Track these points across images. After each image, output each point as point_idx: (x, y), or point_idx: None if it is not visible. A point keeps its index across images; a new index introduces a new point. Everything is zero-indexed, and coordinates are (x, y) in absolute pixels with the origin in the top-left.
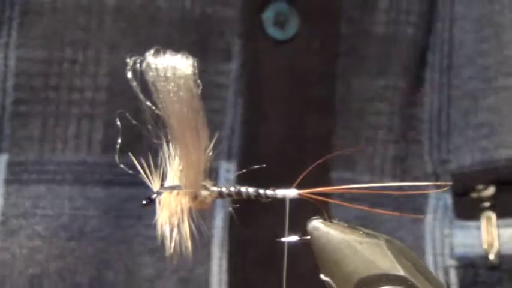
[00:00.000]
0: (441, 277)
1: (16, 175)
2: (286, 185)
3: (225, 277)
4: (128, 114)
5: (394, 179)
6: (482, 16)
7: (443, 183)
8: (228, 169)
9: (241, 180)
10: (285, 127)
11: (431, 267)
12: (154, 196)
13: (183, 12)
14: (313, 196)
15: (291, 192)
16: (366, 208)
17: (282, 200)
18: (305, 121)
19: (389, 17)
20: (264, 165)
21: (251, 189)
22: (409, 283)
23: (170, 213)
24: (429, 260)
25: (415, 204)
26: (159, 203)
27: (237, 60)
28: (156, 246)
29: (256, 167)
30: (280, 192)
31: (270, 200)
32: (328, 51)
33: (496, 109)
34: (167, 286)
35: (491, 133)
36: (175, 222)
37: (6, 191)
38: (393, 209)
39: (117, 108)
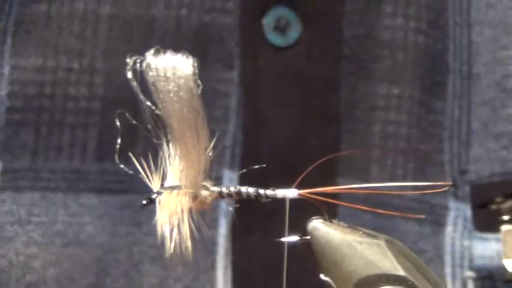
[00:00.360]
0: None
1: (10, 182)
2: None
3: (229, 285)
4: (127, 115)
5: (413, 190)
6: (499, 22)
7: (443, 183)
8: (231, 178)
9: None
10: (288, 134)
11: (449, 278)
12: (154, 196)
13: (179, 20)
14: (313, 196)
15: (291, 193)
16: (366, 208)
17: (284, 206)
18: (308, 128)
19: (395, 22)
20: (265, 168)
21: (251, 189)
22: (409, 283)
23: (170, 213)
24: (448, 271)
25: (435, 216)
26: (159, 203)
27: (237, 68)
28: (158, 255)
29: (256, 166)
30: (280, 193)
31: (269, 200)
32: (331, 56)
33: None
34: None
35: (511, 144)
36: (175, 222)
37: (1, 199)
38: (414, 221)
39: (111, 117)
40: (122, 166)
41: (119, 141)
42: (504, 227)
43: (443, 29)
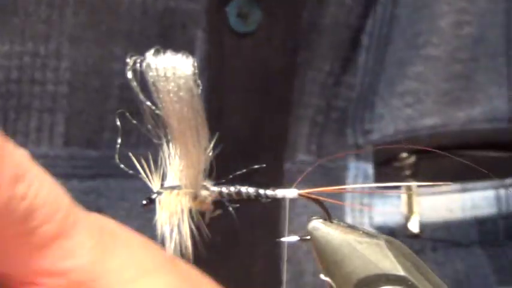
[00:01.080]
0: None
1: None
2: (247, 178)
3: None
4: (128, 114)
5: (308, 155)
6: None
7: (443, 183)
8: None
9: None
10: (245, 121)
11: None
12: (154, 196)
13: (145, 5)
14: (313, 196)
15: (291, 193)
16: (366, 208)
17: None
18: (263, 116)
19: (337, 9)
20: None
21: (251, 189)
22: (409, 283)
23: (170, 213)
24: None
25: (334, 179)
26: (159, 203)
27: (200, 54)
28: None
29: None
30: (280, 193)
31: (269, 200)
32: (289, 45)
33: (423, 77)
34: None
35: (416, 101)
36: (176, 222)
37: None
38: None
39: (78, 101)
40: (122, 166)
41: (119, 141)
42: (405, 182)
43: (366, 7)
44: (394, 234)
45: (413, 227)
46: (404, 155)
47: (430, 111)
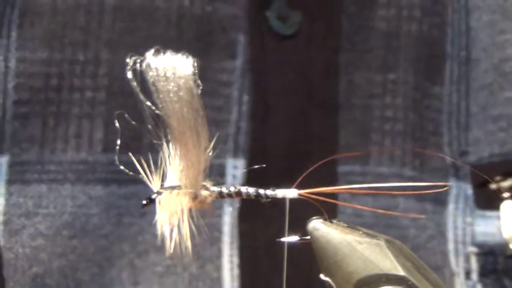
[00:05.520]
0: (462, 263)
1: (18, 175)
2: (293, 180)
3: (236, 272)
4: (126, 115)
5: (413, 171)
6: (497, 7)
7: (442, 183)
8: (235, 166)
9: (249, 176)
10: (291, 123)
11: (452, 254)
12: (154, 196)
13: (181, 10)
14: (314, 196)
15: (291, 193)
16: (367, 208)
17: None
18: (310, 117)
19: (389, 13)
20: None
21: (251, 189)
22: (409, 283)
23: (170, 213)
24: (450, 247)
25: (436, 194)
26: (159, 203)
27: (242, 57)
28: (164, 244)
29: (256, 166)
30: (280, 193)
31: (270, 199)
32: (330, 46)
33: None
34: (178, 282)
35: (509, 126)
36: (175, 222)
37: (8, 191)
38: (415, 198)
39: (116, 107)
40: (122, 167)
41: (118, 142)
42: (504, 204)
43: (441, 15)
44: (494, 253)
45: None
46: (498, 177)
47: None
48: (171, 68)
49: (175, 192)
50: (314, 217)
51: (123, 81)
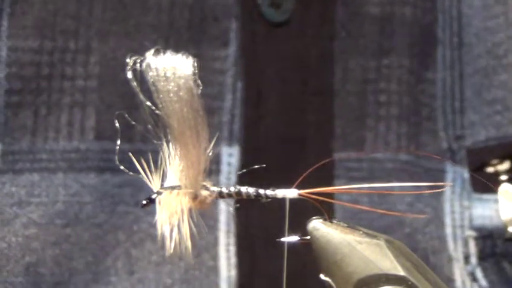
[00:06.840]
0: (460, 248)
1: (10, 164)
2: (289, 168)
3: (233, 260)
4: (126, 115)
5: (408, 155)
6: None
7: (443, 183)
8: (230, 153)
9: (244, 164)
10: (286, 110)
11: (450, 239)
12: (154, 196)
13: None
14: (313, 196)
15: (291, 193)
16: (365, 208)
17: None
18: (305, 104)
19: None
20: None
21: (251, 189)
22: (409, 283)
23: (170, 213)
24: (448, 231)
25: (432, 179)
26: (159, 203)
27: (235, 44)
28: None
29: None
30: (280, 193)
31: (269, 199)
32: (325, 34)
33: (508, 85)
34: (174, 271)
35: (504, 109)
36: (175, 222)
37: (0, 181)
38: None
39: (108, 95)
40: (122, 168)
41: (118, 142)
42: (502, 187)
43: (432, 1)
44: (493, 237)
45: (511, 230)
46: (495, 160)
47: None
48: (171, 68)
49: (175, 192)
50: (314, 217)
51: (114, 69)
